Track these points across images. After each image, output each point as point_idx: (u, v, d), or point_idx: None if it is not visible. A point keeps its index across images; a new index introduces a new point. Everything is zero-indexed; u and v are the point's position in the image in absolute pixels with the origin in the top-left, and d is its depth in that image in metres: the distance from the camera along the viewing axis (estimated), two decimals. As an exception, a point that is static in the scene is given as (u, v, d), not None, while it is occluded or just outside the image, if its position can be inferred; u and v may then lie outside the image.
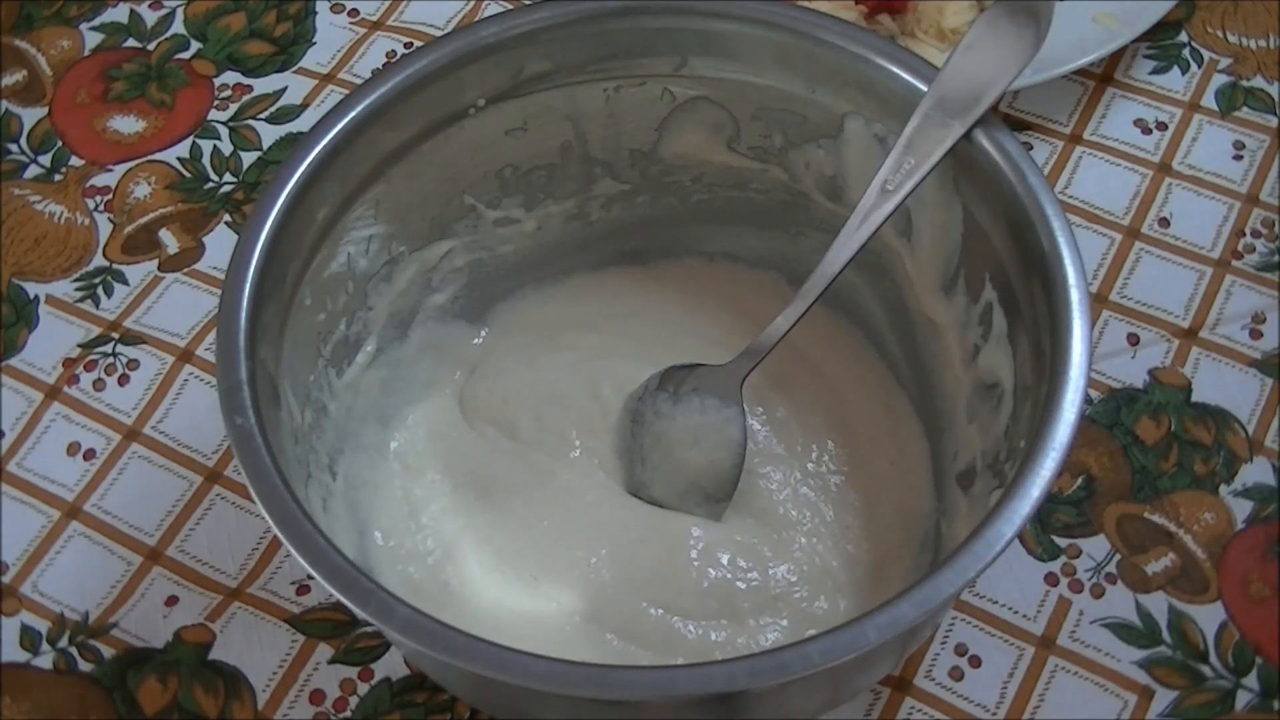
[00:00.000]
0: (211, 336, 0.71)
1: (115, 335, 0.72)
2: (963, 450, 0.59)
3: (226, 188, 0.78)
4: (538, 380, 0.66)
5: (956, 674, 0.61)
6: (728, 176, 0.66)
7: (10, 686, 0.62)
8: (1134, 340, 0.69)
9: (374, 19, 0.84)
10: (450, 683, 0.58)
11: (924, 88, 0.55)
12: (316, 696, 0.61)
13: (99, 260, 0.75)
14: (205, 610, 0.64)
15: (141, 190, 0.78)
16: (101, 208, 0.77)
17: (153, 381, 0.71)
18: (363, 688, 0.61)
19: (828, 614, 0.59)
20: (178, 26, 0.85)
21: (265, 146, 0.79)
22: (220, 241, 0.75)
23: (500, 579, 0.61)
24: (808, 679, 0.45)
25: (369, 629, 0.62)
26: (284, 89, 0.81)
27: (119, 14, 0.86)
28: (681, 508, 0.62)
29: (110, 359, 0.72)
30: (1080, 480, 0.65)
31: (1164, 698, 0.60)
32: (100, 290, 0.74)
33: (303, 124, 0.80)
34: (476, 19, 0.83)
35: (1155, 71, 0.79)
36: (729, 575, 0.60)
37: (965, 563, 0.46)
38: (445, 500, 0.63)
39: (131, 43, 0.85)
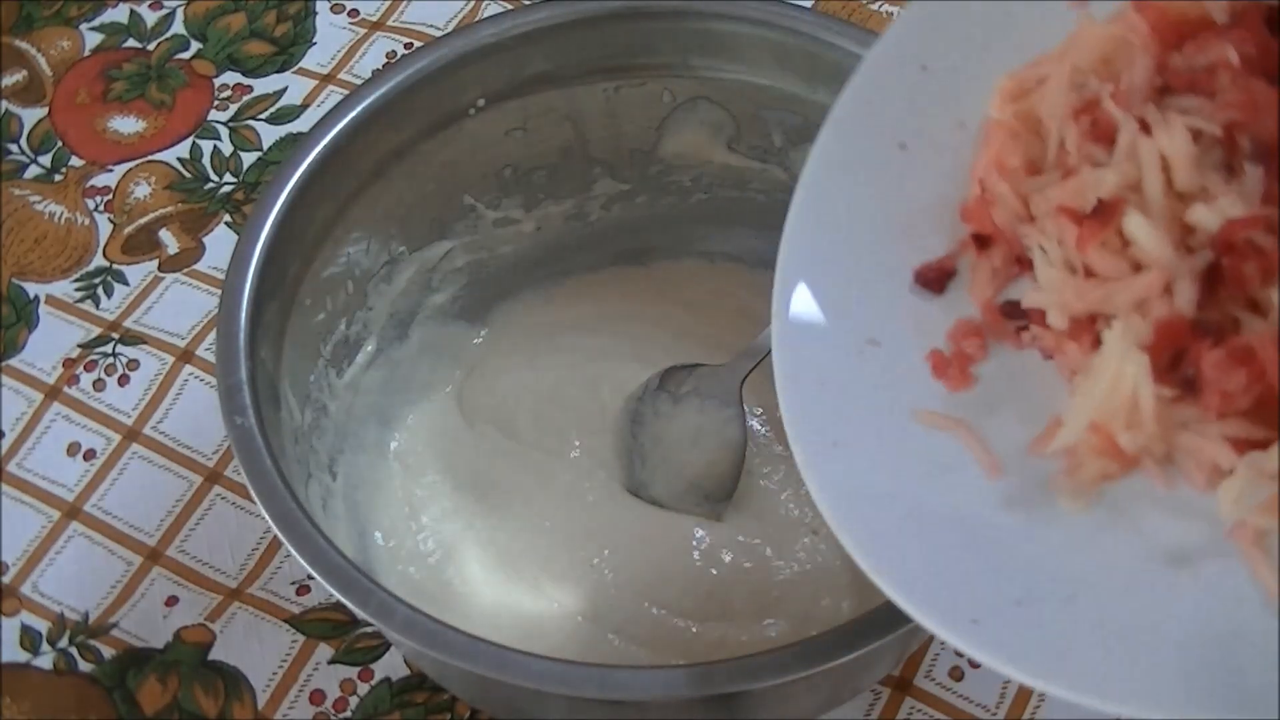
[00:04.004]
0: (211, 336, 0.71)
1: (115, 335, 0.72)
2: (963, 450, 0.59)
3: (226, 188, 0.78)
4: (537, 380, 0.66)
5: (956, 674, 0.61)
6: (728, 176, 0.66)
7: (10, 686, 0.62)
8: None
9: (374, 19, 0.84)
10: (450, 683, 0.58)
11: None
12: (316, 696, 0.61)
13: (99, 260, 0.75)
14: (205, 610, 0.63)
15: (141, 190, 0.78)
16: (101, 208, 0.77)
17: (153, 381, 0.71)
18: (363, 688, 0.61)
19: (830, 614, 0.59)
20: (178, 26, 0.85)
21: (265, 147, 0.79)
22: (220, 241, 0.75)
23: (501, 579, 0.61)
24: (808, 679, 0.45)
25: (369, 629, 0.62)
26: (284, 89, 0.81)
27: (119, 14, 0.86)
28: (681, 508, 0.62)
29: (110, 359, 0.72)
30: (1080, 480, 0.65)
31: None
32: (100, 290, 0.74)
33: (303, 124, 0.80)
34: (476, 19, 0.83)
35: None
36: (731, 575, 0.60)
37: (965, 563, 0.46)
38: (445, 500, 0.63)
39: (131, 43, 0.85)
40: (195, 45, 0.84)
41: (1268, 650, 0.37)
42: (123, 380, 0.71)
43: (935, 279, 0.46)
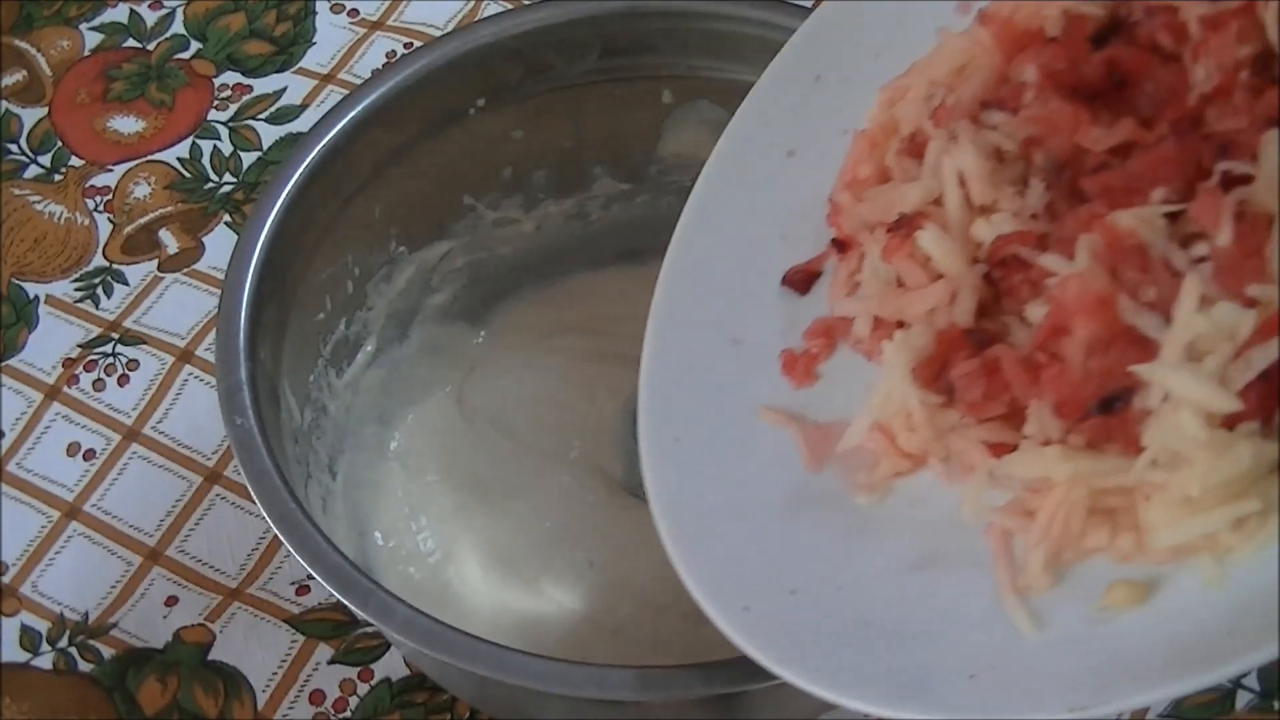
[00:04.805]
0: (211, 336, 0.71)
1: (115, 335, 0.72)
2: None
3: (226, 188, 0.78)
4: (537, 381, 0.66)
5: (956, 674, 0.60)
6: (728, 176, 0.66)
7: (10, 686, 0.62)
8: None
9: (374, 19, 0.84)
10: (450, 683, 0.58)
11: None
12: (316, 697, 0.61)
13: (99, 260, 0.75)
14: (205, 610, 0.63)
15: (141, 190, 0.78)
16: (101, 208, 0.77)
17: (153, 382, 0.71)
18: (363, 688, 0.61)
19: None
20: (178, 26, 0.85)
21: (265, 146, 0.79)
22: (220, 241, 0.75)
23: (500, 579, 0.61)
24: (808, 679, 0.45)
25: (369, 629, 0.62)
26: (284, 89, 0.81)
27: (119, 14, 0.86)
28: (681, 508, 0.62)
29: (110, 359, 0.72)
30: (1080, 480, 0.65)
31: (1164, 698, 0.59)
32: (100, 290, 0.74)
33: (303, 124, 0.80)
34: (476, 19, 0.83)
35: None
36: (729, 575, 0.60)
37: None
38: (445, 500, 0.63)
39: (131, 43, 0.85)
40: (195, 45, 0.84)
41: (994, 650, 0.38)
42: (122, 380, 0.71)
43: (801, 281, 0.48)
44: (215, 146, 0.79)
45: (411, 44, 0.83)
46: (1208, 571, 0.36)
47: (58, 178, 0.79)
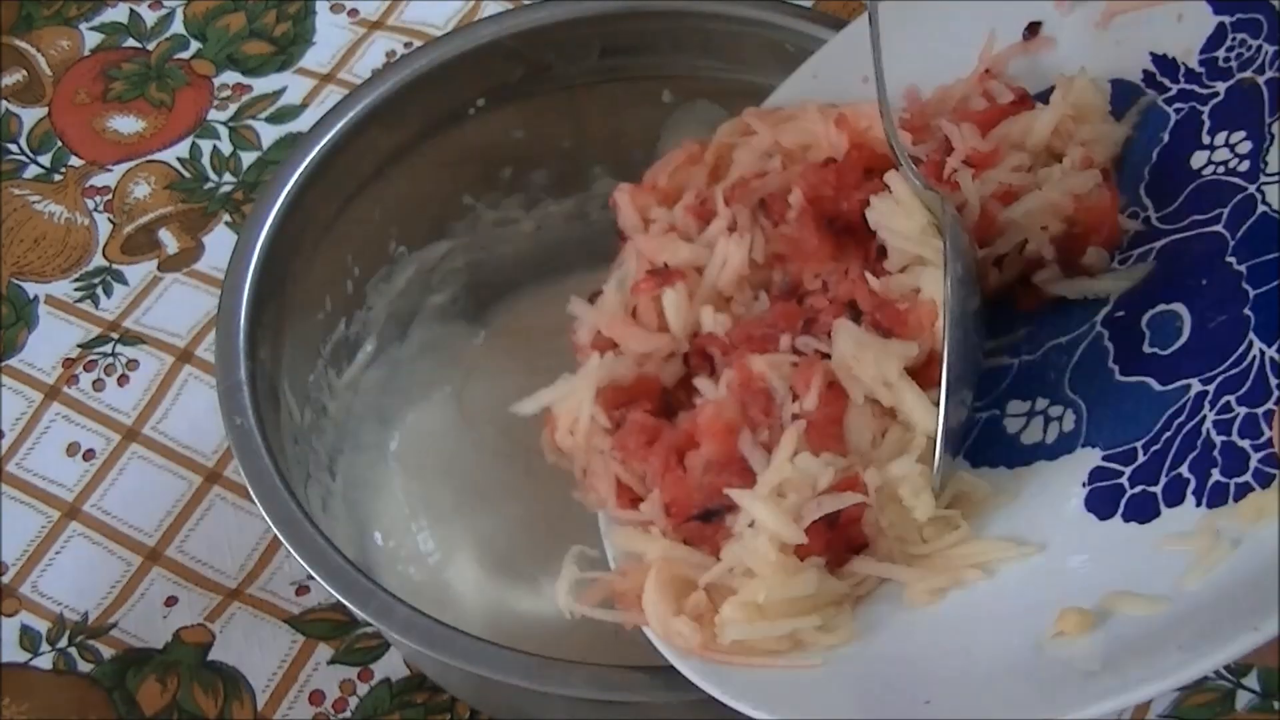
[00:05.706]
0: (211, 336, 0.71)
1: (115, 335, 0.72)
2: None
3: (226, 188, 0.78)
4: (537, 381, 0.66)
5: (956, 674, 0.60)
6: (728, 176, 0.66)
7: (10, 686, 0.62)
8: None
9: (374, 19, 0.84)
10: (450, 683, 0.58)
11: (924, 88, 0.56)
12: (316, 697, 0.61)
13: (99, 260, 0.75)
14: (205, 610, 0.63)
15: (141, 190, 0.78)
16: (101, 208, 0.77)
17: (152, 382, 0.71)
18: (362, 688, 0.61)
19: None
20: (177, 26, 0.85)
21: (265, 146, 0.79)
22: (220, 241, 0.75)
23: (501, 579, 0.61)
24: (808, 679, 0.45)
25: (369, 629, 0.62)
26: (284, 89, 0.81)
27: (119, 14, 0.86)
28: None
29: (110, 359, 0.72)
30: (1080, 480, 0.65)
31: (1164, 698, 0.59)
32: (100, 290, 0.74)
33: (303, 124, 0.80)
34: (476, 19, 0.83)
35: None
36: (729, 575, 0.60)
37: (965, 563, 0.46)
38: (445, 500, 0.63)
39: (131, 43, 0.85)
40: (195, 45, 0.84)
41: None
42: (122, 380, 0.71)
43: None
44: (215, 146, 0.79)
45: (411, 44, 0.83)
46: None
47: (57, 178, 0.79)
